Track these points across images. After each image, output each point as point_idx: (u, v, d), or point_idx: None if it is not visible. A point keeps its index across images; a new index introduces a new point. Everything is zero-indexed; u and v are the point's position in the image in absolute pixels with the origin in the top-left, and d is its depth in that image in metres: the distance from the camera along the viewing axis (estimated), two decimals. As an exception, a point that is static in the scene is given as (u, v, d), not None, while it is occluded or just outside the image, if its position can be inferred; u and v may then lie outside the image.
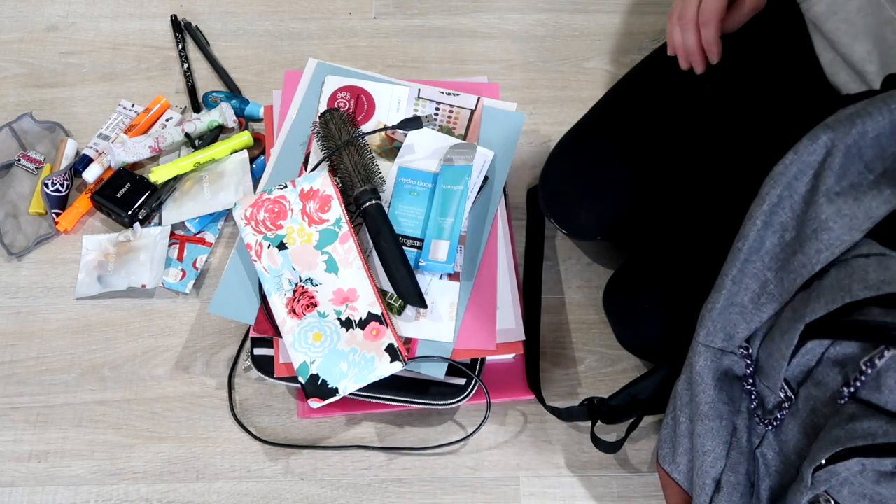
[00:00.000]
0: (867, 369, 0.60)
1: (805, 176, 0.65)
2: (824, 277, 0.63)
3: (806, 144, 0.64)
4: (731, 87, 0.87)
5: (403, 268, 0.85)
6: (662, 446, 0.80)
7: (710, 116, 0.87)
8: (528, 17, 1.22)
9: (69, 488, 0.91)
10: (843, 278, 0.61)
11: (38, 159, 1.06)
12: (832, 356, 0.63)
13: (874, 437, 0.58)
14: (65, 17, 1.20)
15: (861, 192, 0.62)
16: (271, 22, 1.21)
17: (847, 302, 0.59)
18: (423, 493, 0.91)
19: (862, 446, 0.59)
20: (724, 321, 0.71)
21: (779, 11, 0.85)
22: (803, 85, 0.85)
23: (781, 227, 0.67)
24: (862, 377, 0.61)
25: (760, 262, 0.68)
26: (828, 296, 0.61)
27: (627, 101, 0.92)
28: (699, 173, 0.88)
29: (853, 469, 0.60)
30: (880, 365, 0.59)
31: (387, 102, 0.96)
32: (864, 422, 0.60)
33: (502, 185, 0.93)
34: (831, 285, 0.62)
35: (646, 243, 0.90)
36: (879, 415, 0.60)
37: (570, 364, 0.98)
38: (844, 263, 0.62)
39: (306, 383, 0.82)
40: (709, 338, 0.72)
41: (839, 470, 0.60)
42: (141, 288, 0.99)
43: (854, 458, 0.59)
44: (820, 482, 0.62)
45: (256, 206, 0.88)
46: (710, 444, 0.72)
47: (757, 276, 0.69)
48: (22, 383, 0.96)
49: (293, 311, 0.84)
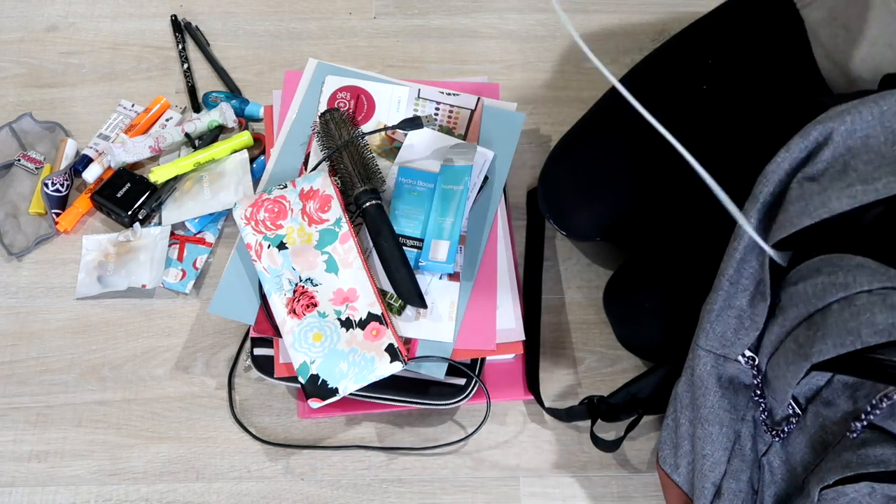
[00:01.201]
0: (882, 403, 0.59)
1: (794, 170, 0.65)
2: (828, 314, 0.61)
3: (797, 142, 0.64)
4: (731, 88, 0.87)
5: (403, 268, 0.85)
6: (663, 448, 0.80)
7: (709, 117, 0.87)
8: (528, 17, 1.22)
9: (69, 488, 0.91)
10: (849, 320, 0.59)
11: (38, 159, 1.06)
12: (842, 379, 0.63)
13: (887, 465, 0.58)
14: (65, 17, 1.20)
15: (829, 184, 0.61)
16: (271, 22, 1.21)
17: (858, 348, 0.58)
18: (423, 493, 0.91)
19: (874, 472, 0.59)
20: (722, 325, 0.71)
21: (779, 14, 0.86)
22: (802, 86, 0.85)
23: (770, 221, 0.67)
24: (876, 410, 0.60)
25: (755, 261, 0.68)
26: (835, 338, 0.59)
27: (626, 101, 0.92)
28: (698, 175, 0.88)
29: (862, 491, 0.59)
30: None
31: (387, 102, 0.96)
32: (876, 448, 0.59)
33: (502, 185, 0.93)
34: (837, 325, 0.60)
35: (645, 243, 0.90)
36: (892, 441, 0.59)
37: (570, 364, 0.98)
38: (847, 301, 0.60)
39: (306, 383, 0.82)
40: (709, 342, 0.72)
41: (848, 491, 0.60)
42: (141, 288, 0.99)
43: (864, 482, 0.59)
44: (827, 501, 0.61)
45: (256, 206, 0.88)
46: (710, 448, 0.72)
47: (753, 276, 0.69)
48: (22, 383, 0.96)
49: (293, 311, 0.84)
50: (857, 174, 0.60)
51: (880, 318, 0.57)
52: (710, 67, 0.88)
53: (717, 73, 0.87)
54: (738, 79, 0.87)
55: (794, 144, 0.65)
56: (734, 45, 0.88)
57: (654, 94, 0.90)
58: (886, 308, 0.58)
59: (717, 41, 0.90)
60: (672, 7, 1.22)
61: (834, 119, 0.63)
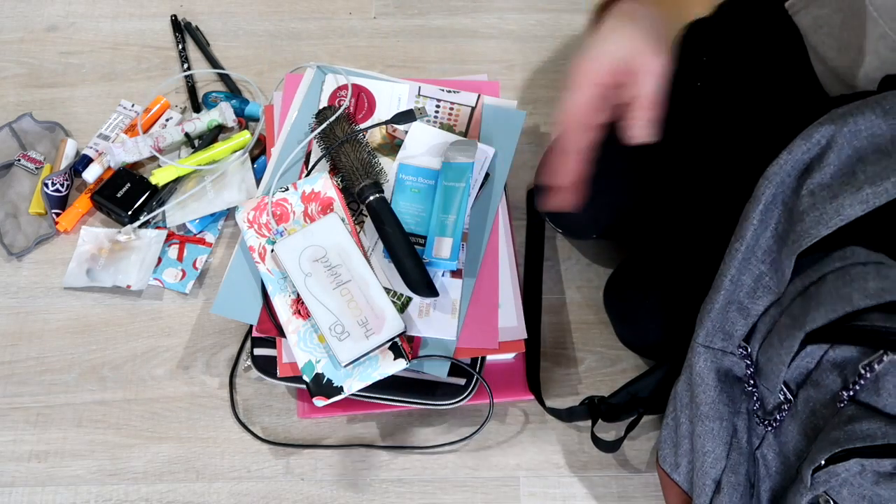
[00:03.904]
0: (866, 373, 0.60)
1: (797, 172, 0.65)
2: (822, 284, 0.63)
3: (799, 143, 0.64)
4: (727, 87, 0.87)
5: (411, 256, 0.84)
6: (662, 447, 0.80)
7: (705, 115, 0.87)
8: (528, 17, 1.22)
9: (69, 488, 0.90)
10: (842, 287, 0.61)
11: (38, 159, 1.06)
12: (831, 359, 0.64)
13: (873, 439, 0.59)
14: (65, 17, 1.20)
15: (840, 189, 0.62)
16: (271, 22, 1.21)
17: (848, 312, 0.60)
18: (423, 493, 0.91)
19: (861, 447, 0.59)
20: (722, 320, 0.71)
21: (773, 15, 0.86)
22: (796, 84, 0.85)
23: (775, 223, 0.67)
24: (861, 381, 0.61)
25: (755, 259, 0.69)
26: (828, 305, 0.61)
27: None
28: (695, 172, 0.88)
29: (852, 470, 0.60)
30: (879, 369, 0.60)
31: (387, 100, 0.96)
32: (863, 423, 0.60)
33: (503, 183, 0.93)
34: (830, 294, 0.62)
35: (644, 241, 0.90)
36: (878, 417, 0.60)
37: (570, 364, 0.98)
38: (842, 271, 0.62)
39: (311, 382, 0.82)
40: (708, 338, 0.72)
41: (838, 471, 0.60)
42: (126, 288, 0.98)
43: (853, 459, 0.60)
44: (819, 483, 0.62)
45: (259, 209, 0.88)
46: (711, 444, 0.72)
47: (752, 272, 0.69)
48: (22, 383, 0.96)
49: (297, 311, 0.84)
50: (865, 176, 0.61)
51: (872, 284, 0.59)
52: (704, 65, 0.88)
53: (711, 70, 0.87)
54: (735, 77, 0.87)
55: (796, 146, 0.65)
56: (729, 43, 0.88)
57: None
58: (880, 277, 0.60)
59: (712, 39, 0.90)
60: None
61: (836, 120, 0.63)
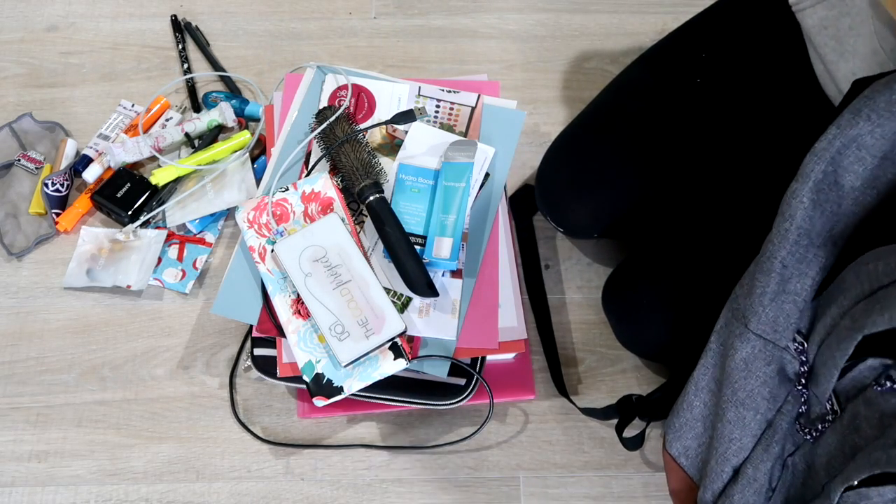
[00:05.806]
0: None
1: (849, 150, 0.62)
2: (892, 289, 0.58)
3: (848, 118, 0.61)
4: (728, 84, 0.87)
5: (412, 256, 0.84)
6: (669, 431, 0.78)
7: (706, 113, 0.87)
8: (528, 17, 1.22)
9: (69, 488, 0.90)
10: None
11: (38, 159, 1.06)
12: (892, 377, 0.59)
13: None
14: (65, 17, 1.20)
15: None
16: (271, 22, 1.21)
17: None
18: (423, 493, 0.91)
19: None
20: (775, 310, 0.67)
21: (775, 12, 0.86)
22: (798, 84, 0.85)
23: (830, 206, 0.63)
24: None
25: (812, 246, 0.65)
26: (893, 310, 0.56)
27: (624, 98, 0.92)
28: (696, 169, 0.88)
29: (886, 496, 0.56)
30: None
31: (387, 100, 0.96)
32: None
33: (503, 182, 0.93)
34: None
35: (644, 240, 0.90)
36: None
37: (570, 364, 0.98)
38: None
39: (311, 382, 0.82)
40: (760, 326, 0.68)
41: (871, 494, 0.56)
42: (126, 288, 0.98)
43: (890, 485, 0.55)
44: (847, 503, 0.58)
45: (259, 209, 0.88)
46: (739, 433, 0.69)
47: (806, 259, 0.65)
48: (22, 383, 0.96)
49: (297, 312, 0.84)
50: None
51: None
52: (704, 61, 0.88)
53: (711, 66, 0.87)
54: (736, 75, 0.87)
55: (844, 121, 0.61)
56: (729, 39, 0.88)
57: (647, 85, 0.90)
58: None
59: (713, 35, 0.90)
60: (672, 7, 1.22)
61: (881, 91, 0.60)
